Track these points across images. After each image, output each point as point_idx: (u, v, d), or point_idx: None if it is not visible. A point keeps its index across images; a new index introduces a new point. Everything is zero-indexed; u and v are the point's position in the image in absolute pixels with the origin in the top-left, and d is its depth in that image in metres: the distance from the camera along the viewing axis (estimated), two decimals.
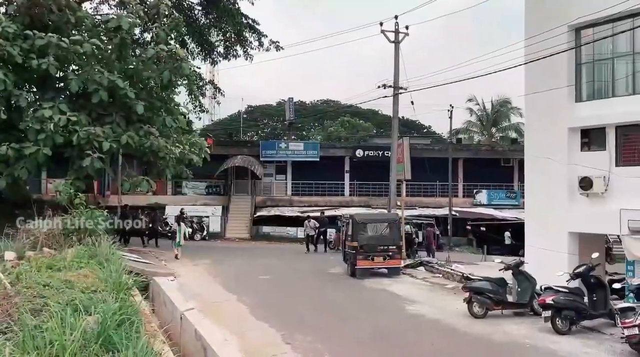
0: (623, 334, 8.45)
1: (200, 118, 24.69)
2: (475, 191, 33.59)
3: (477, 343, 9.10)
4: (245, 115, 56.83)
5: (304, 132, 57.29)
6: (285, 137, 42.87)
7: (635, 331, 8.14)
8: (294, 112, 39.23)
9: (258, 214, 30.58)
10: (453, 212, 30.62)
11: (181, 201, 30.55)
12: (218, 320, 9.87)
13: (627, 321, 8.25)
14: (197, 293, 12.52)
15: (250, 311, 10.99)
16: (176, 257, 18.41)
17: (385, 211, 22.33)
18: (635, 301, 9.10)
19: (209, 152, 21.12)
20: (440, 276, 16.58)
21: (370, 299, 12.94)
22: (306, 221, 24.25)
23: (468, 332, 9.72)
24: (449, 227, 30.15)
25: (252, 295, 12.63)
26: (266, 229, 30.42)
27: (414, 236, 24.51)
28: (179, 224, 19.57)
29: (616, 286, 10.20)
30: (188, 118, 21.83)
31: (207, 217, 29.76)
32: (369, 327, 9.90)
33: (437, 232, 28.46)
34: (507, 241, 28.83)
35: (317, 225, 23.65)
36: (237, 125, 50.86)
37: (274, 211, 30.80)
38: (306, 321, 10.36)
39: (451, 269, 16.60)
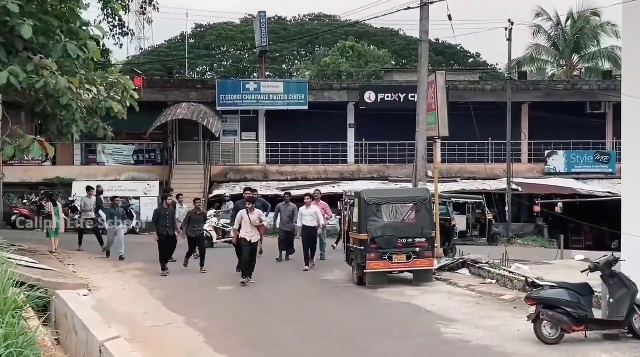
0: None
1: (121, 45, 24.30)
2: (547, 153, 33.84)
3: None
4: (192, 41, 56.43)
5: (284, 66, 57.14)
6: (255, 74, 42.66)
7: None
8: (267, 34, 38.96)
9: (216, 192, 30.59)
10: (514, 186, 30.88)
11: (96, 175, 30.61)
12: (158, 353, 9.94)
13: None
14: (124, 314, 12.55)
15: (207, 340, 11.06)
16: (51, 252, 19.17)
17: (410, 186, 22.39)
18: None
19: (138, 97, 20.97)
20: (494, 282, 16.73)
21: (388, 318, 13.05)
22: (281, 205, 21.33)
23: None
24: (507, 208, 30.46)
25: (208, 315, 12.69)
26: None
27: (454, 222, 24.72)
28: (54, 204, 20.49)
29: None
30: (103, 45, 21.61)
31: (137, 198, 29.83)
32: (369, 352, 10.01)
33: (490, 217, 28.78)
34: None
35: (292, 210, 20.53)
36: (180, 55, 50.53)
37: (239, 188, 30.73)
38: (288, 350, 10.44)
39: (510, 272, 16.75)
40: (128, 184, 30.29)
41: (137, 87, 22.15)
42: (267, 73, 43.26)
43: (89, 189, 22.98)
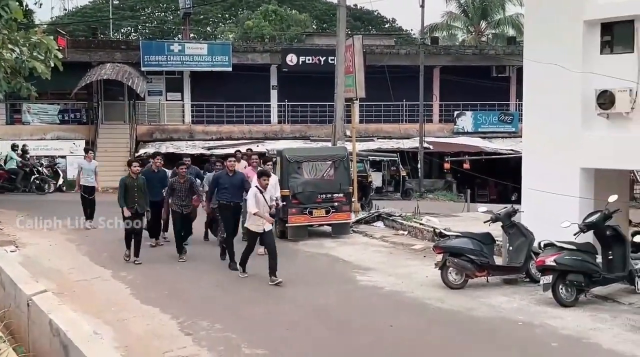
0: None
1: (41, 4, 23.34)
2: (456, 113, 34.52)
3: (452, 322, 9.62)
4: (116, 2, 54.67)
5: (208, 28, 56.10)
6: (179, 36, 41.78)
7: None
8: None
9: (142, 151, 30.07)
10: (426, 145, 31.51)
11: (21, 134, 29.54)
12: (85, 306, 9.84)
13: None
14: (52, 269, 12.35)
15: (133, 292, 11.05)
16: None
17: (329, 145, 22.55)
18: None
19: (62, 57, 20.35)
20: (406, 233, 17.16)
21: (309, 268, 13.28)
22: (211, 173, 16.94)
23: (440, 308, 10.25)
24: (419, 165, 31.08)
25: (134, 269, 12.64)
26: None
27: (370, 179, 25.09)
28: None
29: (638, 239, 10.95)
30: (26, 5, 20.74)
31: (63, 157, 28.99)
32: (305, 307, 10.20)
33: (403, 173, 29.33)
34: None
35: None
36: (104, 16, 48.86)
37: (165, 147, 30.37)
38: (215, 301, 10.56)
39: (420, 224, 17.20)
40: (54, 143, 29.43)
41: (61, 48, 21.40)
42: (191, 35, 42.43)
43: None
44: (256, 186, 11.71)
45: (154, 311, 9.93)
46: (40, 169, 25.82)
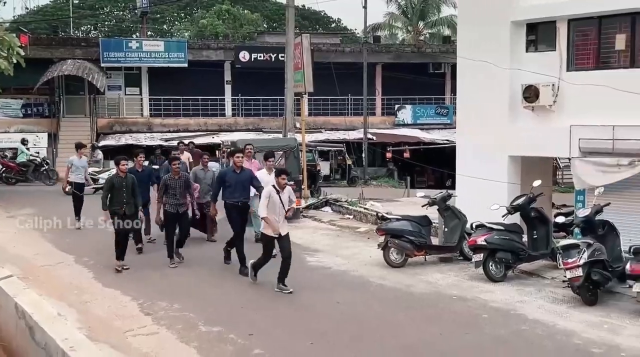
0: (565, 277, 9.48)
1: (5, 2, 22.64)
2: (397, 107, 34.80)
3: (393, 297, 9.79)
4: (76, 1, 53.28)
5: (165, 26, 55.17)
6: (137, 34, 41.04)
7: (579, 272, 9.15)
8: None
9: (102, 143, 29.60)
10: (369, 135, 31.74)
11: None
12: (49, 290, 9.71)
13: (569, 261, 9.23)
14: (16, 255, 12.07)
15: (96, 276, 10.88)
16: None
17: (281, 136, 22.51)
18: (582, 236, 10.16)
19: (24, 54, 19.90)
20: (352, 217, 17.30)
21: (259, 250, 13.22)
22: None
23: (382, 285, 10.40)
24: (364, 154, 31.31)
25: (97, 254, 12.34)
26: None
27: (319, 167, 25.19)
28: None
29: (560, 219, 11.28)
30: None
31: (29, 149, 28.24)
32: (257, 287, 10.21)
33: (349, 162, 29.53)
34: None
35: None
36: (64, 15, 47.61)
37: (125, 139, 29.96)
38: (173, 282, 10.48)
39: (365, 208, 17.36)
40: (17, 136, 28.66)
41: (23, 45, 20.89)
42: (148, 33, 41.74)
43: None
44: (273, 185, 9.99)
45: (115, 293, 9.81)
46: (47, 161, 25.45)
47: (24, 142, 25.32)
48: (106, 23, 55.23)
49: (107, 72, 31.61)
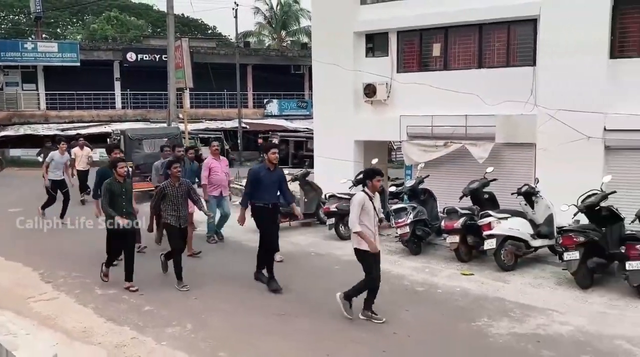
0: (397, 233, 10.05)
1: None
2: (266, 101, 34.79)
3: None
4: None
5: (58, 30, 51.32)
6: (32, 36, 38.00)
7: (406, 229, 9.77)
8: (41, 3, 34.63)
9: (3, 133, 27.34)
10: (243, 125, 31.56)
11: None
12: None
13: (399, 221, 9.82)
14: None
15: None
16: None
17: (165, 125, 21.83)
18: (409, 201, 10.80)
19: None
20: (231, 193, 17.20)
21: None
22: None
23: (253, 247, 10.40)
24: (239, 141, 31.12)
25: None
26: (15, 152, 27.73)
27: (200, 152, 24.58)
28: None
29: (392, 189, 11.88)
30: None
31: None
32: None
33: (227, 147, 29.16)
34: None
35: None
36: None
37: (23, 130, 27.82)
38: (73, 254, 9.94)
39: (239, 185, 17.30)
40: None
41: None
42: (43, 35, 38.74)
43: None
44: (363, 190, 6.72)
45: (16, 265, 9.23)
46: None
47: None
48: (3, 26, 50.49)
49: (5, 70, 29.46)
